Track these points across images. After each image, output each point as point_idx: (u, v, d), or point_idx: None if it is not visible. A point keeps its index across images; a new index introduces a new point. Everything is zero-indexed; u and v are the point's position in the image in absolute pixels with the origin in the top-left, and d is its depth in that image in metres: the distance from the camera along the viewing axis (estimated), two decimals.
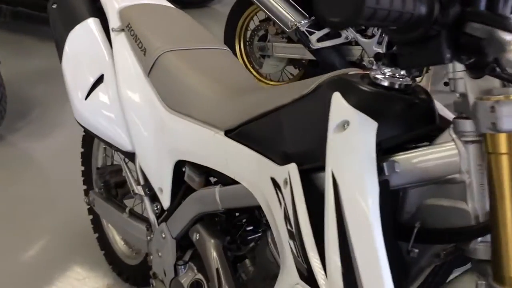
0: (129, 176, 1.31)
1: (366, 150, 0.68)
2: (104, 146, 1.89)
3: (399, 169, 0.71)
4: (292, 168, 0.79)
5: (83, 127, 1.38)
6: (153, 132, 1.21)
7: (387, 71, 0.76)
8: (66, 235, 2.12)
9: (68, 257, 2.00)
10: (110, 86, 1.31)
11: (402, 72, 0.76)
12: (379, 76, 0.76)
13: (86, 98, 1.32)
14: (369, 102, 0.74)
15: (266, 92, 1.01)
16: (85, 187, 1.97)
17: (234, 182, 1.01)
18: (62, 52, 1.38)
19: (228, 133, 1.00)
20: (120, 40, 1.32)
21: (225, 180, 1.04)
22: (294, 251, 0.74)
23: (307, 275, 0.70)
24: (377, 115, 0.71)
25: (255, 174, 0.90)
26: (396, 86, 0.75)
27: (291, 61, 2.76)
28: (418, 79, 0.79)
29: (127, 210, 1.50)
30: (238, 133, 0.97)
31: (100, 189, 1.69)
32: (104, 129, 1.32)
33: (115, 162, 1.85)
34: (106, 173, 1.69)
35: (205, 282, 1.10)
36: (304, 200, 0.74)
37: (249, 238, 1.19)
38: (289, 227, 0.76)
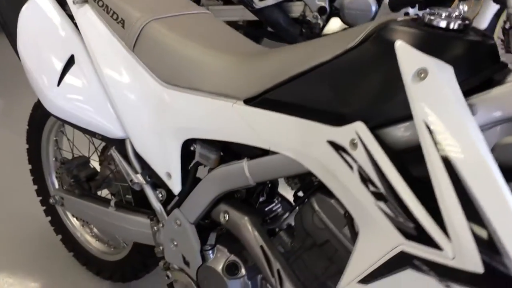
0: (125, 165, 1.18)
1: (454, 95, 0.66)
2: (55, 139, 1.70)
3: (476, 111, 0.69)
4: (360, 127, 0.74)
5: (56, 117, 1.21)
6: (150, 113, 1.08)
7: (442, 12, 0.73)
8: (21, 241, 1.92)
9: (30, 265, 1.81)
10: (85, 67, 1.14)
11: (456, 13, 0.73)
12: (434, 18, 0.73)
13: (58, 85, 1.14)
14: (438, 46, 0.70)
15: (285, 53, 0.94)
16: (35, 187, 1.78)
17: (263, 153, 0.95)
18: (15, 37, 1.18)
19: (249, 101, 0.92)
20: (85, 14, 1.16)
21: (251, 153, 0.97)
22: (389, 212, 0.70)
23: (416, 233, 0.66)
24: (449, 59, 0.69)
25: (301, 141, 0.84)
26: (455, 27, 0.73)
27: (229, 24, 2.65)
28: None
29: (112, 203, 1.36)
30: (264, 101, 0.90)
31: (70, 186, 1.52)
32: (84, 116, 1.16)
33: (76, 154, 1.67)
34: (73, 168, 1.52)
35: (241, 263, 1.03)
36: (387, 157, 0.70)
37: (279, 210, 1.14)
38: (372, 188, 0.72)
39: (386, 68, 0.73)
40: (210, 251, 1.07)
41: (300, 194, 1.10)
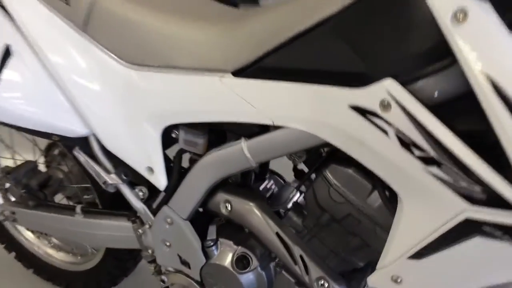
0: (93, 166, 1.01)
1: (501, 32, 0.58)
2: None
3: None
4: (390, 85, 0.64)
5: None
6: (118, 101, 0.92)
7: None
8: None
9: None
10: (26, 58, 0.95)
11: None
12: None
13: None
14: None
15: (277, 12, 0.80)
16: None
17: (261, 129, 0.83)
18: None
19: (240, 73, 0.80)
20: None
21: (248, 131, 0.85)
22: (444, 176, 0.62)
23: (483, 196, 0.59)
24: None
25: (314, 110, 0.73)
26: None
27: None
28: None
29: (78, 209, 1.19)
30: (259, 69, 0.77)
31: (20, 197, 1.32)
32: (33, 116, 0.97)
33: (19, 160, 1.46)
34: (21, 176, 1.32)
35: (251, 254, 0.93)
36: (432, 115, 0.61)
37: (273, 187, 1.03)
38: (419, 153, 0.63)
39: (414, 11, 0.63)
40: (214, 247, 0.95)
41: (300, 167, 1.00)
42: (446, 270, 0.67)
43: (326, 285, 0.84)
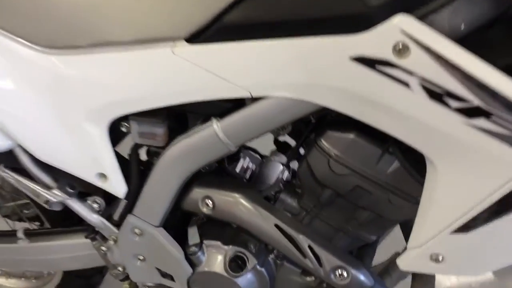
0: (28, 184, 0.80)
1: None
2: None
3: None
4: (405, 22, 0.49)
5: None
6: (45, 99, 0.71)
7: None
8: None
9: None
10: None
11: None
12: None
13: None
14: None
15: None
16: None
17: (234, 105, 0.67)
18: None
19: (197, 37, 0.62)
20: None
21: (216, 110, 0.69)
22: (497, 129, 0.48)
23: None
24: None
25: (303, 70, 0.57)
26: None
27: None
28: None
29: (20, 234, 0.98)
30: (221, 30, 0.60)
31: None
32: None
33: None
34: None
35: (245, 252, 0.78)
36: (469, 52, 0.47)
37: (250, 165, 0.88)
38: (457, 104, 0.49)
39: None
40: (199, 253, 0.79)
41: (281, 139, 0.85)
42: (497, 242, 0.55)
43: (345, 274, 0.71)
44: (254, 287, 0.80)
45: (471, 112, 0.49)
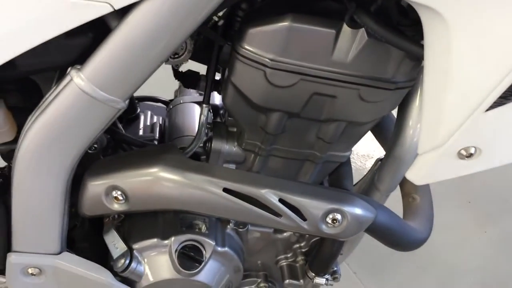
0: None
1: None
2: None
3: None
4: None
5: None
6: None
7: None
8: None
9: None
10: None
11: None
12: None
13: None
14: None
15: None
16: None
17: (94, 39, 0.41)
18: None
19: None
20: None
21: (68, 55, 0.43)
22: None
23: None
24: None
25: None
26: None
27: None
28: None
29: None
30: None
31: None
32: None
33: None
34: None
35: (196, 238, 0.55)
36: None
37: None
38: None
39: None
40: (133, 264, 0.55)
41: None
42: None
43: (339, 216, 0.51)
44: (224, 272, 0.59)
45: None
